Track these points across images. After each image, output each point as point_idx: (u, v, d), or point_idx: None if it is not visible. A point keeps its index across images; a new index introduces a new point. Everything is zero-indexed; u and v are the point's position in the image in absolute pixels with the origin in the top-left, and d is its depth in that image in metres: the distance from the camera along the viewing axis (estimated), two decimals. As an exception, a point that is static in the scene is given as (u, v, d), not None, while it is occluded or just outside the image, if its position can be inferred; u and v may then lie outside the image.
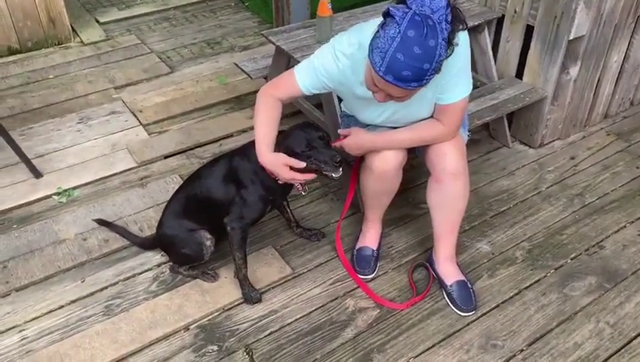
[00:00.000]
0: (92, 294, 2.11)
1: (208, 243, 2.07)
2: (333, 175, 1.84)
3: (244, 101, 3.23)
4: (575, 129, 2.96)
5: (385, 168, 1.92)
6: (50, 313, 2.04)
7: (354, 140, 1.93)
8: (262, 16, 4.25)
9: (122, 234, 2.32)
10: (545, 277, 2.19)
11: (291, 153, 1.82)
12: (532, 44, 2.67)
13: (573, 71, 2.67)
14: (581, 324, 2.00)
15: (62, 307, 2.06)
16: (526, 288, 2.14)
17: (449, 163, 1.90)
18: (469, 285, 2.09)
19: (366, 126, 2.02)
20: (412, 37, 1.47)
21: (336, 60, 1.79)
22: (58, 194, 2.56)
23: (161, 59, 3.66)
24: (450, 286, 2.07)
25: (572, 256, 2.28)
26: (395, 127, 1.94)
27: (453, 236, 2.07)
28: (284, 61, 2.66)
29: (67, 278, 2.18)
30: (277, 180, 1.94)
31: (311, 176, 1.84)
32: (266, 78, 2.88)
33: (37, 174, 2.65)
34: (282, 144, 1.84)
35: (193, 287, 2.13)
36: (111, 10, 4.32)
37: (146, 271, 2.21)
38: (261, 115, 1.86)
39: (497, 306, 2.07)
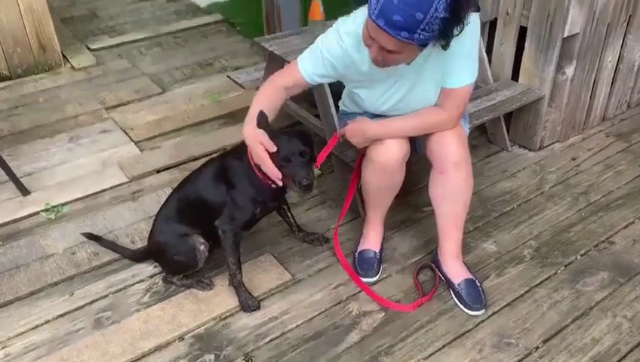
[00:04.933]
0: (81, 307, 2.00)
1: (202, 248, 1.97)
2: (297, 190, 1.77)
3: (238, 116, 3.17)
4: (574, 131, 2.92)
5: (388, 161, 1.86)
6: (37, 328, 1.92)
7: (356, 125, 1.88)
8: (253, 37, 4.24)
9: (112, 248, 2.22)
10: (555, 274, 2.10)
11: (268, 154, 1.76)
12: (526, 45, 2.65)
13: (569, 70, 2.65)
14: (597, 319, 1.91)
15: (48, 322, 1.95)
16: (537, 285, 2.05)
17: (451, 152, 1.84)
18: (478, 283, 1.99)
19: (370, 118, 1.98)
20: None
21: (340, 41, 1.76)
22: (46, 210, 2.47)
23: (152, 80, 3.63)
24: (458, 284, 1.97)
25: (581, 252, 2.19)
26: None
27: (458, 232, 1.99)
28: (278, 67, 2.61)
29: (55, 293, 2.07)
30: (269, 183, 1.87)
31: (276, 173, 1.73)
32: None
33: (24, 192, 2.56)
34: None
35: (187, 297, 2.02)
36: (102, 38, 4.31)
37: (137, 282, 2.10)
38: (259, 97, 1.85)
39: (508, 304, 1.97)
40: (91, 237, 2.26)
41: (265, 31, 3.85)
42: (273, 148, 1.73)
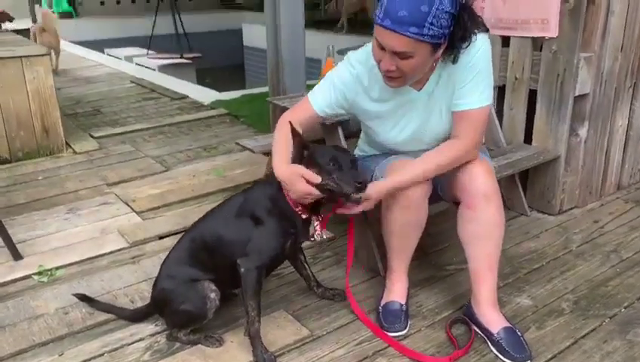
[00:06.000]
0: (71, 367, 1.76)
1: (213, 295, 1.78)
2: (353, 193, 1.64)
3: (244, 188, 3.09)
4: (592, 197, 2.84)
5: (411, 194, 1.75)
6: (18, 389, 1.67)
7: (372, 189, 1.71)
8: (257, 127, 4.28)
9: (108, 310, 2.01)
10: (601, 325, 1.90)
11: (314, 163, 1.66)
12: (537, 107, 2.66)
13: (582, 132, 2.63)
14: (658, 369, 1.70)
15: (33, 383, 1.70)
16: (583, 337, 1.85)
17: (481, 183, 1.73)
18: (519, 332, 1.79)
19: (387, 155, 1.90)
20: None
21: (351, 68, 1.79)
22: (39, 273, 2.27)
23: (156, 161, 3.58)
24: (497, 333, 1.77)
25: (625, 304, 2.01)
26: (421, 150, 1.82)
27: (492, 275, 1.82)
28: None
29: (42, 353, 1.83)
30: (298, 210, 1.74)
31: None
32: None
33: (17, 256, 2.38)
34: (309, 154, 1.70)
35: (194, 353, 1.79)
36: (105, 128, 4.33)
37: (137, 341, 1.87)
38: (279, 134, 1.80)
39: (555, 356, 1.76)
40: (84, 298, 2.05)
41: (271, 118, 3.89)
42: (317, 179, 1.63)
